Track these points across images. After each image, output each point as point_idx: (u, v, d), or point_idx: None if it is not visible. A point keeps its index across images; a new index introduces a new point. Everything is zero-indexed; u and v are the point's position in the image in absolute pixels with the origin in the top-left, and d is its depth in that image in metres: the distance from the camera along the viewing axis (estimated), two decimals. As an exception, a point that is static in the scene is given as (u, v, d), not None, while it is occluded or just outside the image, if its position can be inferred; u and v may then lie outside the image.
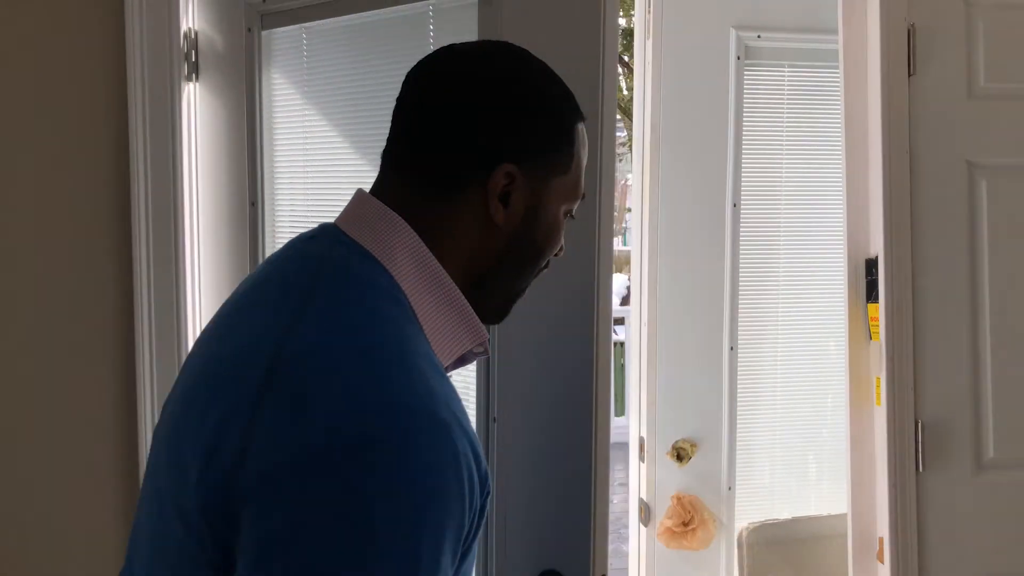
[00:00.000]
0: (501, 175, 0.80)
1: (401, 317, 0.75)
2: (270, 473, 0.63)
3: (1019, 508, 1.64)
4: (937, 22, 1.63)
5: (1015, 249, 1.65)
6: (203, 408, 0.71)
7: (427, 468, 0.63)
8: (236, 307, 0.81)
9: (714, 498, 1.86)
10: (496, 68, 0.84)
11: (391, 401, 0.65)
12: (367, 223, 0.80)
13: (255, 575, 0.62)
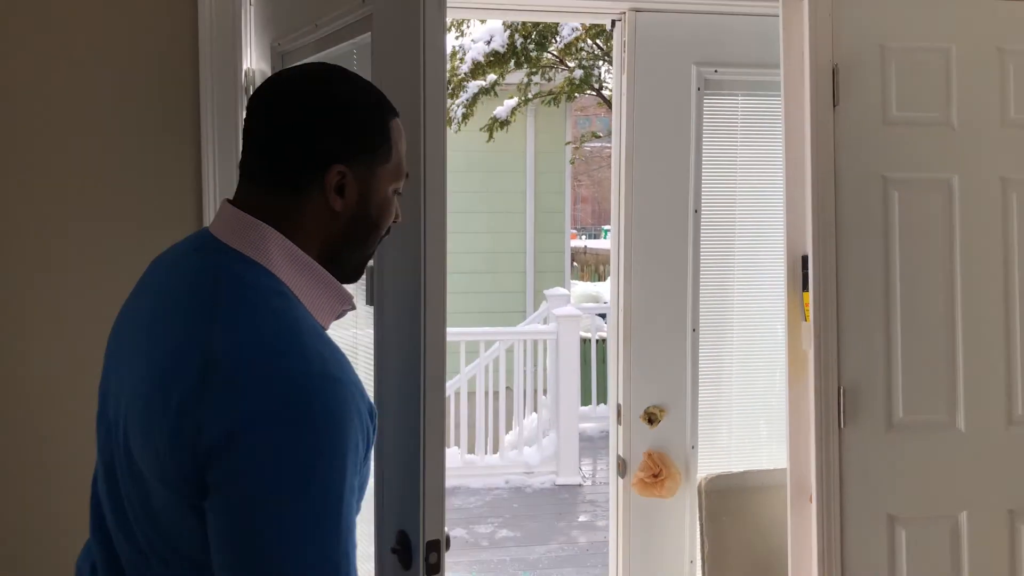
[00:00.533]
0: (334, 173, 1.01)
1: (287, 306, 0.97)
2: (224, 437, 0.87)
3: (920, 461, 1.99)
4: (856, 62, 1.99)
5: (920, 247, 2.01)
6: (163, 400, 0.91)
7: (331, 413, 0.90)
8: (153, 316, 1.02)
9: (679, 454, 2.22)
10: (320, 87, 1.04)
11: (297, 373, 0.90)
12: (240, 233, 1.01)
13: (224, 503, 0.88)
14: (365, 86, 1.09)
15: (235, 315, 0.94)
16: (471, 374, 5.23)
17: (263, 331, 0.93)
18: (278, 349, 0.91)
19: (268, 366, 0.90)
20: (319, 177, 1.02)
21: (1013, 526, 2.02)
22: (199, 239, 1.06)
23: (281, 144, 1.02)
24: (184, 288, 1.00)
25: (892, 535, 1.98)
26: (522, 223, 7.84)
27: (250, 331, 0.93)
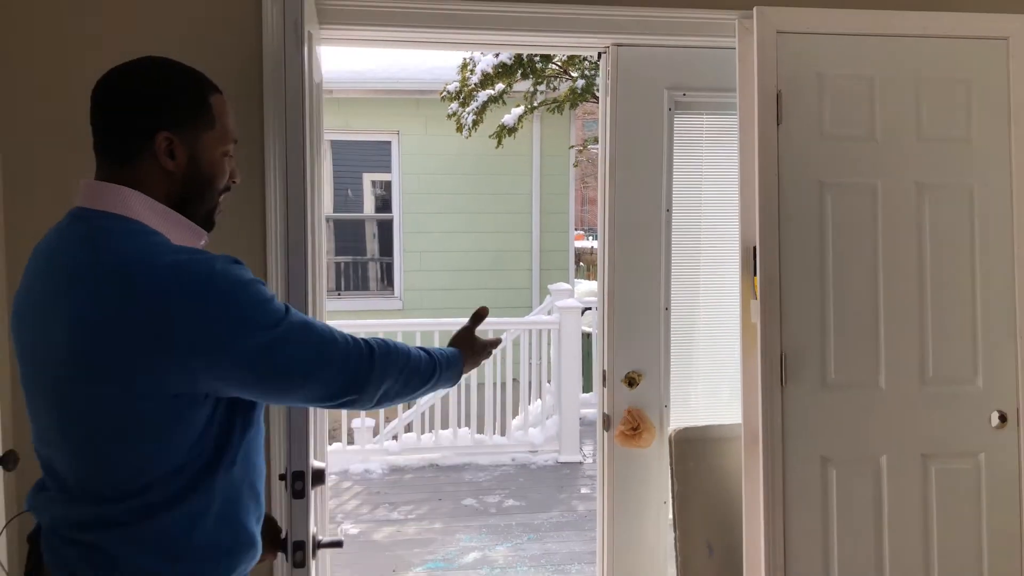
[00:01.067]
0: (161, 140, 1.26)
1: (157, 237, 1.24)
2: (205, 345, 1.18)
3: (848, 413, 2.41)
4: (796, 88, 2.42)
5: (849, 238, 2.44)
6: (120, 346, 1.16)
7: (239, 274, 1.22)
8: (53, 292, 1.23)
9: (655, 411, 2.67)
10: (143, 73, 1.30)
11: (193, 263, 1.20)
12: (104, 198, 1.25)
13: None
14: (184, 69, 1.33)
15: (126, 259, 1.21)
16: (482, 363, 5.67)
17: (150, 257, 1.21)
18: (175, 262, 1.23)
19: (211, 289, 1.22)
20: (150, 139, 1.26)
21: (925, 467, 2.46)
22: (70, 216, 1.29)
23: (115, 123, 1.27)
24: (67, 251, 1.23)
25: (825, 474, 2.42)
26: (528, 223, 8.27)
27: (142, 263, 1.20)
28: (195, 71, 1.35)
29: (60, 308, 1.21)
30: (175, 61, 1.34)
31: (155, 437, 1.22)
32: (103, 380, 1.19)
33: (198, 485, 1.26)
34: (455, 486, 5.04)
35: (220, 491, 1.28)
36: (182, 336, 1.18)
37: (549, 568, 3.88)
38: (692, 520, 2.59)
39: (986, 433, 2.47)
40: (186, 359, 1.18)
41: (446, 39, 2.59)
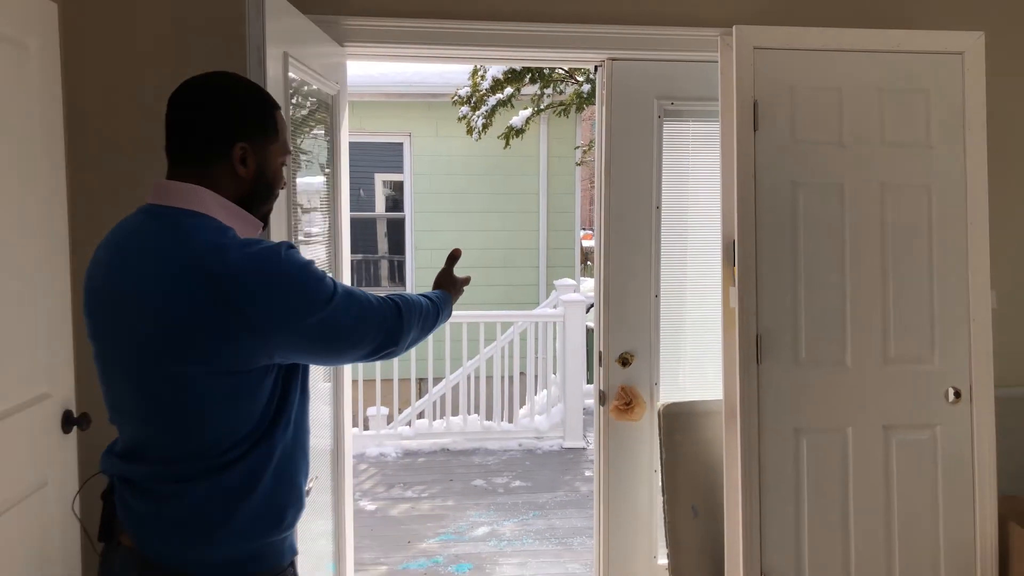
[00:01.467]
0: (238, 149, 1.44)
1: (230, 232, 1.40)
2: (274, 321, 1.35)
3: (817, 388, 2.69)
4: (771, 98, 2.71)
5: (819, 232, 2.71)
6: (200, 327, 1.32)
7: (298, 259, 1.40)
8: (138, 280, 1.37)
9: (645, 388, 2.96)
10: (224, 89, 1.46)
11: (263, 250, 1.36)
12: (184, 196, 1.41)
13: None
14: (255, 87, 1.51)
15: (202, 248, 1.37)
16: (489, 355, 5.97)
17: (225, 248, 1.38)
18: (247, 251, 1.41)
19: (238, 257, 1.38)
20: (228, 152, 1.44)
21: (886, 438, 2.74)
22: (146, 213, 1.44)
23: (200, 132, 1.44)
24: (151, 244, 1.38)
25: (797, 443, 2.70)
26: (535, 222, 8.56)
27: (219, 252, 1.36)
28: (263, 89, 1.55)
29: (147, 296, 1.35)
30: (246, 78, 1.55)
31: (230, 406, 1.38)
32: (188, 361, 1.33)
33: (259, 446, 1.42)
34: (465, 468, 5.33)
35: (278, 450, 1.44)
36: (259, 315, 1.34)
37: (553, 541, 4.17)
38: (679, 485, 2.88)
39: (942, 408, 2.76)
40: (263, 335, 1.35)
41: (457, 55, 2.90)
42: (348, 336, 1.47)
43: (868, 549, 2.71)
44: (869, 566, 2.71)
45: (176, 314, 1.33)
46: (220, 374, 1.35)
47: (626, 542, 3.00)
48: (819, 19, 2.85)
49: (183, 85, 1.48)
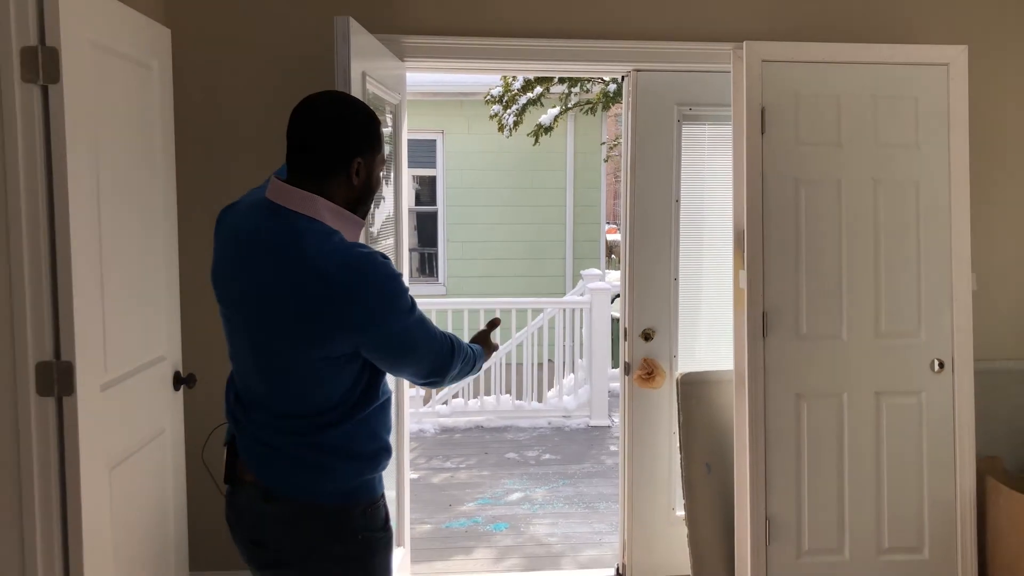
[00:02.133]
0: (355, 163, 1.66)
1: (337, 236, 1.62)
2: (363, 323, 1.61)
3: (817, 359, 3.06)
4: (777, 105, 3.08)
5: (818, 222, 3.08)
6: (312, 318, 1.58)
7: (392, 273, 1.62)
8: (258, 270, 1.64)
9: (665, 359, 3.36)
10: (343, 109, 1.67)
11: (364, 263, 1.59)
12: (303, 203, 1.63)
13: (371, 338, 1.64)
14: (364, 107, 1.71)
15: (317, 250, 1.61)
16: (520, 340, 6.38)
17: (335, 255, 1.62)
18: (353, 253, 1.64)
19: (349, 265, 1.62)
20: (346, 165, 1.67)
21: (878, 402, 3.11)
22: (267, 208, 1.68)
23: (323, 146, 1.66)
24: (273, 241, 1.63)
25: (798, 407, 3.08)
26: (563, 215, 8.96)
27: (329, 259, 1.61)
28: (370, 108, 1.74)
29: (265, 287, 1.62)
30: (358, 99, 1.77)
31: (326, 382, 1.66)
32: (294, 345, 1.62)
33: (354, 410, 1.69)
34: (499, 443, 5.76)
35: (368, 413, 1.72)
36: (357, 316, 1.60)
37: (580, 505, 4.58)
38: (694, 446, 3.27)
39: (927, 376, 3.13)
40: (356, 333, 1.61)
41: (502, 68, 3.33)
42: (410, 354, 1.70)
43: (860, 500, 3.09)
44: (861, 515, 3.09)
45: (287, 307, 1.60)
46: (319, 359, 1.62)
47: (648, 495, 3.41)
48: (820, 35, 3.23)
49: (306, 106, 1.67)
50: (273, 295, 1.62)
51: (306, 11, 3.06)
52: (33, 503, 2.07)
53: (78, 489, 2.09)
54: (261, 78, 3.07)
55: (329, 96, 1.72)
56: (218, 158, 3.05)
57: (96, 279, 2.18)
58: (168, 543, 2.71)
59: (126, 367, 2.37)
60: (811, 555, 3.08)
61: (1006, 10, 3.35)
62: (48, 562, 2.10)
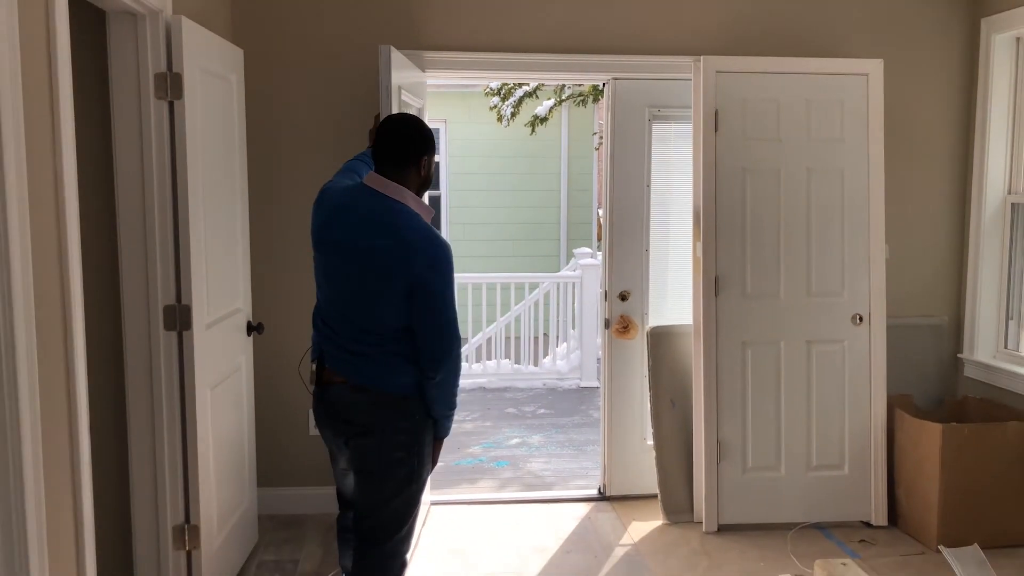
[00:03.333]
0: (424, 160, 2.43)
1: (418, 217, 2.37)
2: (422, 272, 2.34)
3: (759, 314, 3.79)
4: (729, 107, 3.78)
5: (761, 203, 3.81)
6: (390, 263, 2.33)
7: (450, 253, 2.40)
8: (360, 224, 2.38)
9: (638, 316, 4.09)
10: (416, 125, 2.45)
11: (437, 239, 2.37)
12: (392, 189, 2.37)
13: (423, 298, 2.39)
14: (424, 124, 2.49)
15: (408, 227, 2.36)
16: (518, 312, 7.11)
17: (422, 228, 2.38)
18: (430, 233, 2.39)
19: (429, 241, 2.37)
20: (418, 162, 2.43)
21: (808, 349, 3.84)
22: (368, 191, 2.40)
23: (405, 150, 2.41)
24: (375, 216, 2.35)
25: (743, 353, 3.82)
26: (557, 199, 9.67)
27: (417, 232, 2.36)
28: (427, 124, 2.57)
29: (363, 244, 2.35)
30: (418, 117, 2.63)
31: (396, 311, 2.37)
32: (378, 283, 2.35)
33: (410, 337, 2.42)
34: (499, 401, 6.50)
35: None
36: (419, 274, 2.33)
37: (570, 448, 5.33)
38: (661, 386, 4.01)
39: (848, 328, 3.87)
40: (415, 283, 2.34)
41: (504, 76, 4.09)
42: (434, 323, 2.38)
43: (794, 427, 3.84)
44: (794, 438, 3.84)
45: (380, 259, 2.34)
46: (392, 293, 2.35)
47: (623, 427, 4.16)
48: (765, 50, 3.94)
49: (391, 122, 2.49)
50: (370, 247, 2.35)
51: (348, 31, 3.77)
52: (163, 409, 2.80)
53: (194, 400, 2.83)
54: (310, 88, 3.78)
55: (406, 117, 2.57)
56: (275, 153, 3.77)
57: (202, 247, 2.90)
58: (244, 458, 3.45)
59: (219, 313, 3.09)
60: (754, 471, 3.83)
61: (915, 31, 4.07)
62: (172, 457, 2.84)
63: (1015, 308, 4.04)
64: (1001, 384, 3.92)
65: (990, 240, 4.05)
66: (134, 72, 2.67)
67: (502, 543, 3.75)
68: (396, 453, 2.46)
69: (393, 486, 2.48)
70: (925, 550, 3.60)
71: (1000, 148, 4.00)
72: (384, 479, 2.48)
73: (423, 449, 2.51)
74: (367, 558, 2.54)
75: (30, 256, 1.81)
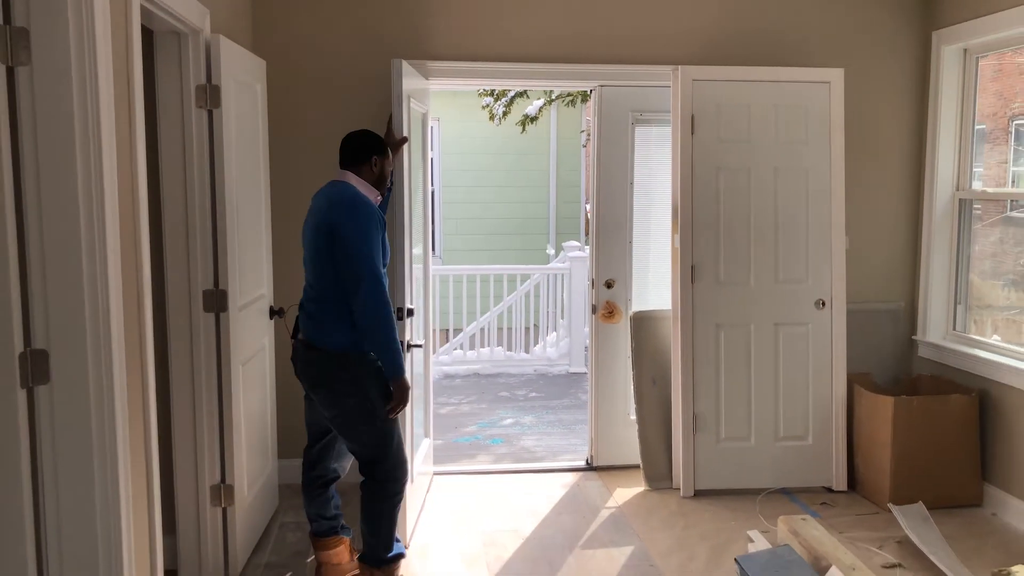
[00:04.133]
0: (375, 159, 3.08)
1: (360, 195, 2.97)
2: (336, 218, 2.89)
3: (731, 299, 4.20)
4: (703, 112, 4.18)
5: (733, 199, 4.22)
6: (319, 219, 2.93)
7: (371, 210, 2.95)
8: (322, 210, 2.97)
9: (623, 302, 4.49)
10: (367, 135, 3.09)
11: (358, 198, 2.95)
12: (347, 179, 3.01)
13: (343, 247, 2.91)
14: (376, 137, 3.10)
15: (342, 196, 2.96)
16: (510, 303, 7.49)
17: (352, 196, 2.96)
18: (356, 197, 2.97)
19: (352, 201, 2.94)
20: (369, 161, 3.06)
21: (776, 331, 4.25)
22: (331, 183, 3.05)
23: (357, 152, 3.05)
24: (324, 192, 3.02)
25: (717, 334, 4.22)
26: (547, 195, 10.07)
27: (348, 197, 2.94)
28: (379, 137, 3.15)
29: (323, 215, 2.91)
30: (373, 132, 3.16)
31: (327, 266, 2.90)
32: (323, 245, 2.87)
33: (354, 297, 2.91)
34: (493, 386, 6.90)
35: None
36: (333, 219, 2.87)
37: (560, 427, 5.73)
38: (642, 365, 4.41)
39: (812, 312, 4.28)
40: (332, 229, 2.86)
41: (499, 83, 4.44)
42: (357, 256, 2.86)
43: (763, 401, 4.25)
44: (763, 412, 4.25)
45: (314, 219, 2.94)
46: (322, 249, 2.89)
47: (609, 403, 4.56)
48: (737, 60, 4.34)
49: (348, 135, 3.10)
50: (320, 224, 2.92)
51: (358, 42, 4.14)
52: (202, 381, 3.17)
53: (229, 373, 3.21)
54: (323, 94, 4.15)
55: (359, 131, 3.16)
56: (292, 154, 4.14)
57: (236, 239, 3.27)
58: (267, 430, 3.83)
59: (248, 298, 3.47)
60: (727, 441, 4.24)
61: (874, 43, 4.48)
62: (211, 423, 3.21)
63: (963, 294, 4.46)
64: (950, 363, 4.34)
65: (940, 233, 4.47)
66: (178, 84, 3.04)
67: (499, 506, 4.14)
68: (347, 400, 2.97)
69: (358, 424, 2.99)
70: (879, 510, 4.02)
71: (949, 149, 4.41)
72: (346, 421, 3.00)
73: (371, 392, 2.97)
74: (367, 487, 3.07)
75: (118, 247, 2.18)
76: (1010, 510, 3.91)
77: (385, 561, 3.10)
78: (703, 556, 3.55)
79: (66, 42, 1.97)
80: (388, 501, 3.07)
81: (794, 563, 3.17)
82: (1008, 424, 3.94)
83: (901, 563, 3.44)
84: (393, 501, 3.09)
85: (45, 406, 2.04)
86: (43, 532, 2.09)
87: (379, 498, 3.05)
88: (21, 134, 1.96)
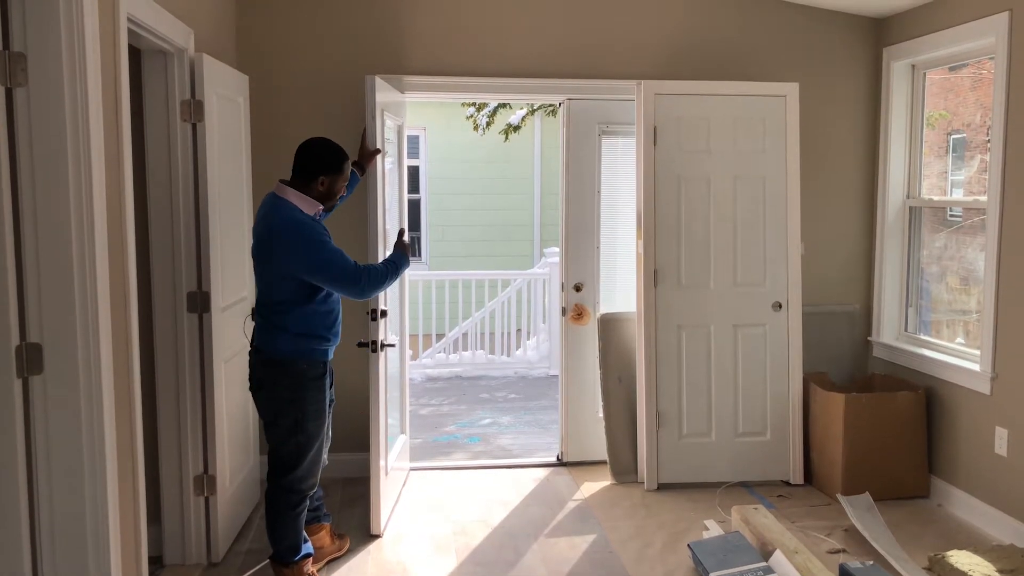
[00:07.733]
0: (319, 178, 3.10)
1: (298, 211, 3.02)
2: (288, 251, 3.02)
3: (692, 301, 4.42)
4: (665, 124, 4.40)
5: (693, 206, 4.45)
6: (263, 249, 3.04)
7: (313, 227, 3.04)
8: (262, 228, 3.07)
9: (591, 305, 4.71)
10: (321, 147, 3.13)
11: (295, 223, 3.00)
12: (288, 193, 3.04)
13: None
14: (338, 148, 3.14)
15: (281, 214, 3.02)
16: (492, 308, 7.70)
17: (290, 219, 3.02)
18: (295, 217, 3.03)
19: (289, 222, 3.01)
20: (317, 179, 3.08)
21: (735, 332, 4.47)
22: (272, 194, 3.08)
23: (307, 167, 3.08)
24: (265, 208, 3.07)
25: (679, 335, 4.44)
26: (530, 202, 10.29)
27: (287, 221, 3.00)
28: (340, 150, 3.17)
29: (258, 233, 3.05)
30: (334, 143, 3.19)
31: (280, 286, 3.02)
32: (265, 264, 3.02)
33: (298, 306, 3.03)
34: (474, 388, 7.10)
35: (308, 311, 3.07)
36: (280, 252, 2.98)
37: (536, 427, 5.93)
38: (609, 364, 4.63)
39: (769, 314, 4.50)
40: (280, 262, 2.99)
41: (474, 96, 4.65)
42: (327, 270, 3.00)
43: (722, 399, 4.47)
44: (723, 409, 4.47)
45: (258, 245, 3.05)
46: (266, 272, 3.04)
47: (578, 402, 4.77)
48: (698, 75, 4.57)
49: (302, 144, 3.14)
50: (255, 235, 3.10)
51: (337, 58, 4.36)
52: (186, 377, 3.38)
53: (212, 370, 3.41)
54: (303, 107, 4.37)
55: (316, 140, 3.18)
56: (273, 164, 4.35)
57: (218, 244, 3.48)
58: (248, 426, 4.03)
59: (229, 300, 3.67)
60: (688, 437, 4.46)
61: (828, 58, 4.72)
62: (194, 417, 3.41)
63: (913, 297, 4.70)
64: (902, 362, 4.56)
65: (892, 238, 4.70)
66: (164, 99, 3.25)
67: (471, 499, 4.35)
68: (281, 407, 3.10)
69: (283, 433, 3.11)
70: (831, 502, 4.24)
71: (899, 159, 4.65)
72: (274, 427, 3.12)
73: (305, 406, 3.11)
74: (270, 488, 3.19)
75: (106, 251, 2.39)
76: (954, 501, 4.13)
77: (294, 562, 3.23)
78: (659, 543, 3.77)
79: (59, 64, 2.19)
80: (291, 511, 3.18)
81: (741, 548, 3.38)
82: (952, 419, 4.17)
83: (845, 548, 3.66)
84: (296, 511, 3.19)
85: (39, 394, 2.25)
86: (36, 513, 2.29)
87: (282, 508, 3.17)
88: (18, 148, 2.17)
